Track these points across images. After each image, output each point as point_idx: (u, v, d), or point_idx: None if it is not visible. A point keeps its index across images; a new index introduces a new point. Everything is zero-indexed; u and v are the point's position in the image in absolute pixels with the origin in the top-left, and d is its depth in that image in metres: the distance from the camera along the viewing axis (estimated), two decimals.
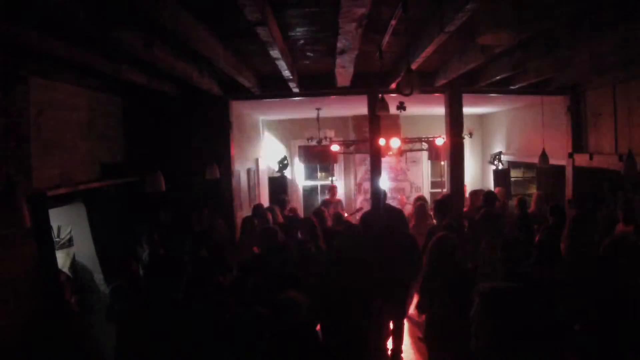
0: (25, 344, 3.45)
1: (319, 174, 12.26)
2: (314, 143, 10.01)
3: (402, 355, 4.89)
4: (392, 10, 3.48)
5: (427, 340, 3.81)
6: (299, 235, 5.03)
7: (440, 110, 7.30)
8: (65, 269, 5.20)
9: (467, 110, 7.04)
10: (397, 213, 5.78)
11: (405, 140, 10.19)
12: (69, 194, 4.56)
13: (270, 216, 5.93)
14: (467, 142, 9.78)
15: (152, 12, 2.87)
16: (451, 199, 6.30)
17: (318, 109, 9.09)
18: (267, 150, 11.32)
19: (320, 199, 11.20)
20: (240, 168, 7.84)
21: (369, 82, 6.35)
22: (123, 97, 5.79)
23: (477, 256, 4.77)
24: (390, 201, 8.24)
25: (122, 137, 5.82)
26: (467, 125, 8.35)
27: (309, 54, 5.09)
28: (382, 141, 7.47)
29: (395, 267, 4.40)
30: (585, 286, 3.39)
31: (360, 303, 3.64)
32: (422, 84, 3.65)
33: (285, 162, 10.49)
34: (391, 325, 4.59)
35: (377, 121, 6.80)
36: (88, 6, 2.90)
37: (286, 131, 11.48)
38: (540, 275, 3.51)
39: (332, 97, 7.04)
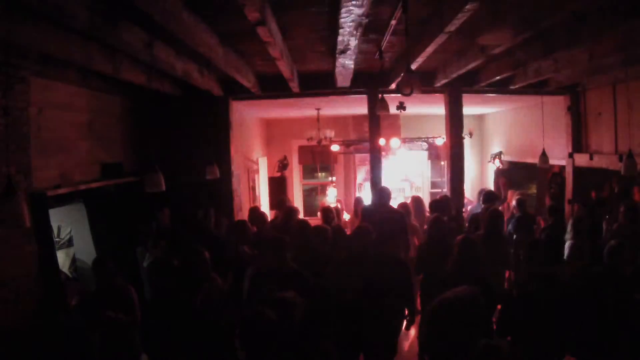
0: (26, 344, 3.45)
1: (319, 174, 12.26)
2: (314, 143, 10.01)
3: None
4: (392, 10, 3.48)
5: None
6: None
7: (440, 110, 7.31)
8: (65, 269, 5.20)
9: (467, 110, 7.04)
10: (397, 217, 5.72)
11: (405, 140, 10.19)
12: (69, 194, 4.56)
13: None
14: (467, 142, 9.79)
15: (152, 12, 2.87)
16: (448, 199, 6.30)
17: (318, 109, 9.10)
18: (267, 150, 11.32)
19: (320, 198, 11.22)
20: (240, 168, 7.84)
21: (369, 82, 6.35)
22: (123, 97, 5.79)
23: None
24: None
25: (122, 137, 5.81)
26: (467, 125, 8.36)
27: (309, 54, 5.09)
28: (382, 141, 7.47)
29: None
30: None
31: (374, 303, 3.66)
32: (422, 84, 3.65)
33: (286, 162, 10.49)
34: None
35: (377, 121, 6.80)
36: (88, 6, 2.90)
37: (286, 131, 11.47)
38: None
39: (332, 97, 7.04)
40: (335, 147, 10.24)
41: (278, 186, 10.16)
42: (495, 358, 2.30)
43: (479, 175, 11.67)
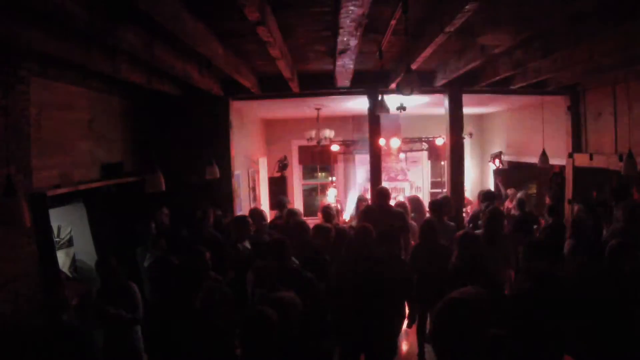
0: (26, 344, 3.45)
1: (318, 174, 12.26)
2: (314, 143, 10.01)
3: None
4: (392, 10, 3.48)
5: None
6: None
7: (440, 110, 7.31)
8: (65, 269, 5.20)
9: (467, 110, 7.04)
10: (397, 216, 5.71)
11: (405, 140, 10.20)
12: (69, 194, 4.56)
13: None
14: (467, 142, 9.79)
15: (152, 12, 2.87)
16: (447, 200, 6.30)
17: (318, 109, 9.10)
18: (267, 150, 11.32)
19: (320, 198, 11.22)
20: (240, 168, 7.84)
21: (369, 82, 6.35)
22: (123, 97, 5.79)
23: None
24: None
25: (122, 137, 5.81)
26: (467, 125, 8.35)
27: (309, 54, 5.09)
28: (382, 141, 7.47)
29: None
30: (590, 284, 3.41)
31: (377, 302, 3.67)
32: (422, 84, 3.66)
33: (286, 162, 10.49)
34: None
35: (377, 121, 6.80)
36: (88, 6, 2.90)
37: (286, 131, 11.48)
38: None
39: (332, 96, 7.04)
40: (335, 147, 10.25)
41: (278, 186, 10.16)
42: (503, 348, 2.32)
43: (479, 175, 11.67)
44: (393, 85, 6.05)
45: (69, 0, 2.69)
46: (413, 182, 11.59)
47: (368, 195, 7.64)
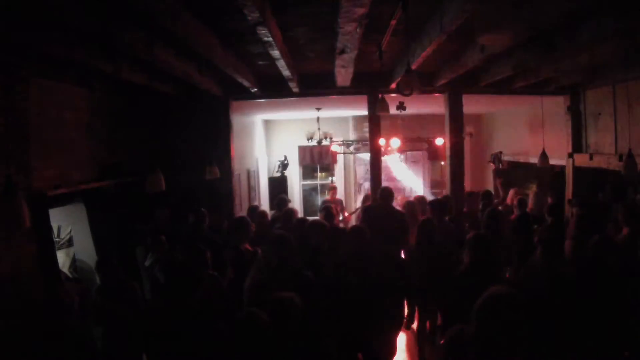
0: (26, 345, 3.45)
1: (318, 174, 12.27)
2: (314, 143, 10.02)
3: None
4: (392, 10, 3.48)
5: None
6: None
7: (440, 110, 7.31)
8: (65, 269, 5.20)
9: (467, 110, 7.04)
10: (398, 217, 5.71)
11: (406, 140, 10.21)
12: (69, 194, 4.56)
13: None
14: (467, 142, 9.78)
15: (152, 12, 2.87)
16: (448, 200, 6.29)
17: (318, 109, 9.10)
18: (267, 150, 11.32)
19: (320, 198, 11.22)
20: (240, 168, 7.84)
21: (369, 82, 6.35)
22: (123, 97, 5.79)
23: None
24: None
25: (122, 137, 5.81)
26: (466, 125, 8.35)
27: (309, 54, 5.09)
28: (382, 141, 7.47)
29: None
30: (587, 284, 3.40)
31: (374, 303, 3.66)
32: (422, 84, 3.66)
33: (286, 162, 10.50)
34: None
35: (377, 121, 6.80)
36: (88, 6, 2.90)
37: (286, 131, 11.48)
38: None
39: (332, 96, 7.04)
40: (335, 147, 10.25)
41: (278, 186, 10.16)
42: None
43: (478, 175, 11.66)
44: (393, 86, 6.05)
45: (69, 0, 2.70)
46: (413, 182, 11.62)
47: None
